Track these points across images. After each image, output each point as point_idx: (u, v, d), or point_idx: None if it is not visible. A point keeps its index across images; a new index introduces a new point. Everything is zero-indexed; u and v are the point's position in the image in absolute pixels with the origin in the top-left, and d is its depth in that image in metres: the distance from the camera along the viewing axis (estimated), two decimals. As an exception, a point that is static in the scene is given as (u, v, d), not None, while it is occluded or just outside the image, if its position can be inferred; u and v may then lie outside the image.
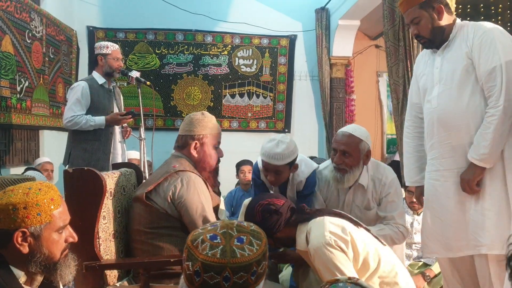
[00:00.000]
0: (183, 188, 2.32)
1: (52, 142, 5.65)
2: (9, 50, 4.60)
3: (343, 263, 1.99)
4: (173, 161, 2.49)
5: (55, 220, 1.54)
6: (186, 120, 2.57)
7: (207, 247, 1.20)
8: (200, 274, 1.19)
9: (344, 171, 2.72)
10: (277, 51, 7.38)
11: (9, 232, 1.47)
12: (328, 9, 7.15)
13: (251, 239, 1.25)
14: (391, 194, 2.80)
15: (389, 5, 4.28)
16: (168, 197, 2.31)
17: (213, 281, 1.18)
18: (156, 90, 6.96)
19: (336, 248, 2.00)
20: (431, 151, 2.66)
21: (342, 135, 2.77)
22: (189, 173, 2.39)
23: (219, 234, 1.23)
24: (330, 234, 2.03)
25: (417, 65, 2.85)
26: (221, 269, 1.18)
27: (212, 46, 7.23)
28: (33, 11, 5.17)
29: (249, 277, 1.21)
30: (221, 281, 1.18)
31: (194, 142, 2.50)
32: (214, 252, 1.19)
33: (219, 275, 1.18)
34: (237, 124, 7.33)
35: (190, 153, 2.50)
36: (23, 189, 1.52)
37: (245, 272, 1.20)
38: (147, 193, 2.33)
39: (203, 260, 1.19)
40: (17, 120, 4.77)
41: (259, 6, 7.25)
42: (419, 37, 2.63)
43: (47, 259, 1.53)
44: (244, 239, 1.24)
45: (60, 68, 6.03)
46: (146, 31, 7.07)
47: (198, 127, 2.51)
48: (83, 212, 2.08)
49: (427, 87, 2.68)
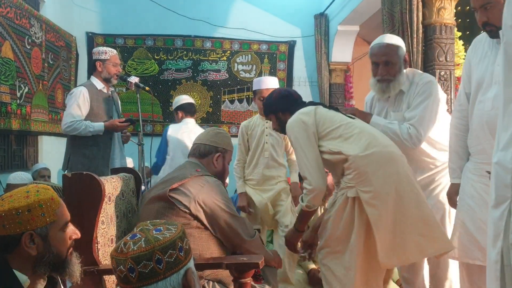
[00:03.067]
0: (210, 189, 2.34)
1: (51, 148, 5.64)
2: (9, 56, 4.60)
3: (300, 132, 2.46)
4: (192, 166, 2.50)
5: (59, 218, 1.56)
6: (210, 132, 2.66)
7: (131, 245, 1.28)
8: (134, 269, 1.26)
9: (389, 80, 2.74)
10: (276, 57, 7.40)
11: (16, 237, 1.48)
12: (327, 14, 7.17)
13: (167, 226, 1.35)
14: (419, 95, 2.73)
15: (388, 10, 4.29)
16: (194, 197, 2.30)
17: (148, 269, 1.26)
18: (155, 96, 6.97)
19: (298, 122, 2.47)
20: (479, 154, 2.47)
21: (380, 47, 2.76)
22: (212, 177, 2.44)
23: (137, 232, 1.32)
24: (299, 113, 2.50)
25: (474, 50, 2.59)
26: (150, 255, 1.26)
27: (211, 52, 7.24)
28: (32, 17, 5.18)
29: (178, 253, 1.30)
30: (155, 266, 1.26)
31: (218, 153, 2.57)
32: (138, 245, 1.28)
33: (151, 260, 1.26)
34: (236, 129, 7.33)
35: (212, 163, 2.57)
36: (21, 193, 1.53)
37: (173, 249, 1.29)
38: (170, 190, 2.32)
39: (132, 255, 1.26)
40: (16, 125, 4.78)
41: (258, 12, 7.28)
42: (487, 24, 2.39)
43: (55, 258, 1.55)
44: (161, 228, 1.33)
45: (60, 74, 6.04)
46: (145, 37, 7.09)
47: (223, 141, 2.62)
48: (82, 216, 2.06)
49: (482, 83, 2.44)
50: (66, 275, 1.60)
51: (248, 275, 2.11)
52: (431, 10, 3.99)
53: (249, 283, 2.12)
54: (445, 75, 3.92)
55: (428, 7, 4.00)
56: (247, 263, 2.10)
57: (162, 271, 1.26)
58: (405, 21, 4.04)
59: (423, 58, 4.02)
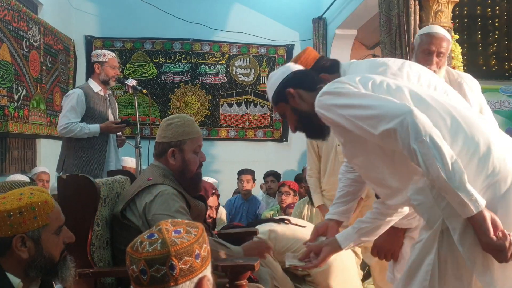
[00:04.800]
0: (153, 203, 2.18)
1: (49, 151, 5.63)
2: (6, 58, 4.60)
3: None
4: (148, 172, 2.37)
5: (52, 221, 1.54)
6: (162, 126, 2.38)
7: (147, 245, 1.22)
8: (146, 272, 1.21)
9: (435, 71, 2.56)
10: (274, 60, 7.41)
11: (7, 239, 1.47)
12: (325, 18, 7.18)
13: (187, 229, 1.27)
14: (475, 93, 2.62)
15: (386, 13, 4.30)
16: (141, 214, 2.19)
17: (160, 274, 1.20)
18: (153, 99, 6.97)
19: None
20: None
21: (437, 36, 2.62)
22: (161, 186, 2.23)
23: (155, 232, 1.25)
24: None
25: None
26: (164, 259, 1.20)
27: (210, 55, 7.25)
28: (30, 20, 5.18)
29: (194, 261, 1.23)
30: (168, 271, 1.20)
31: (171, 149, 2.32)
32: (154, 247, 1.21)
33: (164, 265, 1.20)
34: (234, 133, 7.34)
35: (167, 161, 2.33)
36: (15, 195, 1.52)
37: (189, 256, 1.22)
38: (122, 211, 2.23)
39: (146, 257, 1.21)
40: (14, 128, 4.77)
41: (256, 15, 7.29)
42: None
43: (47, 261, 1.53)
44: (181, 230, 1.26)
45: (58, 77, 6.04)
46: (143, 40, 7.09)
47: (175, 133, 2.32)
48: (77, 219, 2.06)
49: None
50: (58, 280, 1.58)
51: (244, 277, 2.10)
52: (428, 13, 3.99)
53: (244, 286, 2.11)
54: (443, 78, 3.93)
55: (425, 10, 4.01)
56: (242, 265, 2.09)
57: (174, 278, 1.20)
58: (402, 24, 4.05)
59: (421, 61, 4.03)
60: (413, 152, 1.49)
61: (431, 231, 1.58)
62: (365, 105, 1.60)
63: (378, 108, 1.57)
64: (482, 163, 1.53)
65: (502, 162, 1.54)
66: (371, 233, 1.99)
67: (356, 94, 1.65)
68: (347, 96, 1.66)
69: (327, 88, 1.73)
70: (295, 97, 1.93)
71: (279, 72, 2.04)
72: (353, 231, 1.99)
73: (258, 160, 6.95)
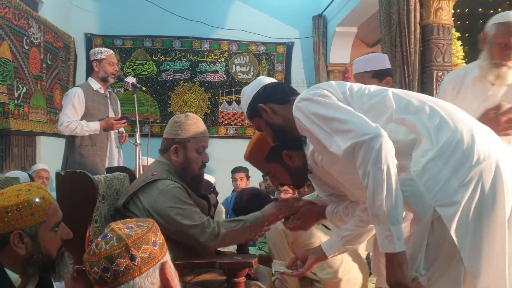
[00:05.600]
0: (160, 197, 2.20)
1: (49, 148, 5.64)
2: (7, 56, 4.60)
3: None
4: (153, 167, 2.39)
5: (49, 218, 1.54)
6: (170, 122, 2.42)
7: (103, 245, 1.23)
8: (108, 269, 1.21)
9: (509, 66, 2.41)
10: (274, 58, 7.40)
11: (5, 236, 1.47)
12: (325, 16, 7.17)
13: (138, 223, 1.29)
14: None
15: (386, 11, 4.29)
16: (146, 209, 2.21)
17: (123, 267, 1.21)
18: (153, 97, 6.97)
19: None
20: None
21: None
22: (166, 181, 2.25)
23: (108, 232, 1.26)
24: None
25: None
26: (123, 252, 1.21)
27: (209, 53, 7.25)
28: (31, 18, 5.18)
29: (152, 248, 1.25)
30: (129, 263, 1.21)
31: (175, 146, 2.34)
32: (111, 244, 1.22)
33: (125, 258, 1.21)
34: (233, 131, 7.33)
35: (171, 158, 2.36)
36: (12, 191, 1.53)
37: (146, 244, 1.24)
38: (125, 204, 2.25)
39: (105, 255, 1.21)
40: (14, 126, 4.77)
41: (256, 13, 7.28)
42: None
43: (44, 258, 1.54)
44: (132, 226, 1.28)
45: (58, 74, 6.04)
46: (143, 38, 7.09)
47: (180, 130, 2.35)
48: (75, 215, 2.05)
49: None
50: (56, 276, 1.58)
51: (242, 274, 2.10)
52: (429, 10, 3.99)
53: (242, 283, 2.11)
54: (443, 75, 3.92)
55: (425, 8, 4.00)
56: (240, 262, 2.09)
57: (138, 266, 1.22)
58: (402, 22, 4.04)
59: (421, 59, 4.02)
60: (367, 174, 1.52)
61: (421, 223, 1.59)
62: (341, 119, 1.60)
63: (351, 124, 1.58)
64: (467, 152, 1.55)
65: (486, 150, 1.56)
66: (354, 241, 2.00)
67: (333, 106, 1.66)
68: (325, 107, 1.66)
69: (306, 95, 1.74)
70: (268, 111, 1.94)
71: (251, 87, 2.06)
72: (337, 239, 2.02)
73: (258, 158, 6.91)
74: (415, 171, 1.58)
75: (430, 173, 1.56)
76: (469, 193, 1.52)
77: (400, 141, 1.63)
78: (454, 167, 1.54)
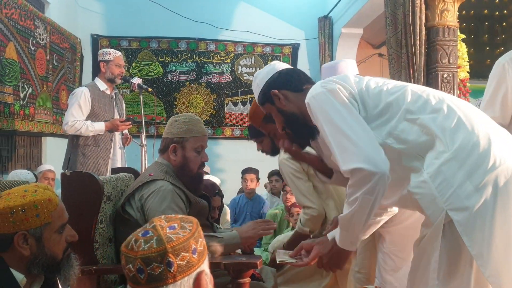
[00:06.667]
0: (149, 198, 2.21)
1: (55, 149, 5.66)
2: (13, 57, 4.63)
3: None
4: (151, 168, 2.40)
5: (55, 220, 1.53)
6: (168, 122, 2.44)
7: (142, 243, 1.20)
8: (143, 270, 1.18)
9: None
10: (280, 59, 7.38)
11: (10, 236, 1.47)
12: (331, 17, 7.16)
13: (182, 224, 1.25)
14: None
15: (392, 12, 4.29)
16: (139, 208, 2.22)
17: (158, 272, 1.18)
18: (159, 98, 6.99)
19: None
20: None
21: None
22: (160, 182, 2.25)
23: (150, 229, 1.23)
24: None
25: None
26: (161, 257, 1.18)
27: (215, 54, 7.25)
28: (37, 19, 5.21)
29: (191, 256, 1.21)
30: (165, 269, 1.18)
31: (173, 145, 2.35)
32: (150, 244, 1.19)
33: (162, 263, 1.18)
34: (239, 132, 7.33)
35: (169, 157, 2.37)
36: (19, 192, 1.52)
37: (186, 251, 1.20)
38: (122, 205, 2.26)
39: (142, 256, 1.18)
40: (20, 126, 4.79)
41: (261, 14, 7.29)
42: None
43: (49, 260, 1.53)
44: (175, 226, 1.24)
45: (64, 75, 6.06)
46: (149, 39, 7.11)
47: (179, 130, 2.36)
48: (80, 216, 2.06)
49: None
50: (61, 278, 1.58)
51: (246, 275, 2.10)
52: (434, 12, 3.98)
53: (247, 284, 2.10)
54: (448, 77, 3.91)
55: (431, 9, 4.00)
56: (245, 263, 2.09)
57: (173, 274, 1.18)
58: (408, 23, 4.04)
59: (426, 60, 4.02)
60: (355, 198, 1.57)
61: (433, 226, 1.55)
62: (349, 137, 1.58)
63: (358, 147, 1.56)
64: (483, 155, 1.51)
65: (503, 154, 1.52)
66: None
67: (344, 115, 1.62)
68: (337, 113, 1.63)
69: (326, 85, 1.69)
70: (281, 98, 1.89)
71: (264, 72, 2.02)
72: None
73: (263, 159, 6.84)
74: (428, 173, 1.54)
75: (444, 176, 1.52)
76: (483, 199, 1.47)
77: (411, 142, 1.60)
78: (469, 170, 1.49)
